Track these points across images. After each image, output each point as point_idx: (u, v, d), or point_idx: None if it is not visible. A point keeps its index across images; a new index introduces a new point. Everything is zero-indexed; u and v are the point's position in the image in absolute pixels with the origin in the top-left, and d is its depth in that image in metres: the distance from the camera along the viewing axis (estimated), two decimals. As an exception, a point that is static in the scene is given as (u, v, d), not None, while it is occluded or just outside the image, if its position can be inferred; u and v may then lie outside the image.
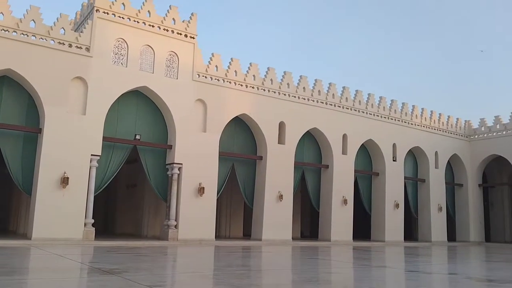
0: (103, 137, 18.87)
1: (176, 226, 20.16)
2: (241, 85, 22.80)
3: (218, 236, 23.82)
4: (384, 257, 18.09)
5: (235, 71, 22.73)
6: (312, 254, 17.47)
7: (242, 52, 72.76)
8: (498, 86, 66.64)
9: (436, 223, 30.01)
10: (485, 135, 32.75)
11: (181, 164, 20.47)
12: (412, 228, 31.36)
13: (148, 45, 20.30)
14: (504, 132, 31.60)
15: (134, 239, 20.85)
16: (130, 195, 26.62)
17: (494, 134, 32.21)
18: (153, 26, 20.46)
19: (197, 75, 21.51)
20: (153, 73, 20.27)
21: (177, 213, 20.27)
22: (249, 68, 23.35)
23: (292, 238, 23.75)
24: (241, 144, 23.54)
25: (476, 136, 33.25)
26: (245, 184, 23.51)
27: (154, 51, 20.38)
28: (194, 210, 20.45)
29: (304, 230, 31.06)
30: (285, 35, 75.46)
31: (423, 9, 71.46)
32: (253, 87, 23.17)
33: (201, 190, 20.66)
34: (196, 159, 20.81)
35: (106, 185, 19.66)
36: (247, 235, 25.11)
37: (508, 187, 33.63)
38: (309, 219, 31.70)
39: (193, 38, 21.49)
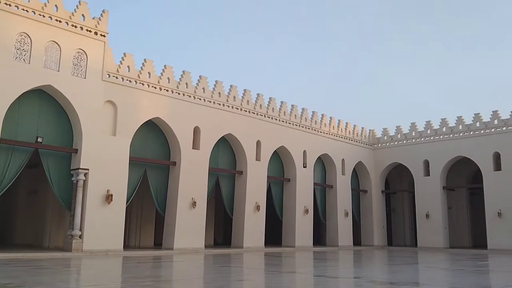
0: (1, 139, 17.13)
1: (80, 236, 18.81)
2: (155, 88, 22.08)
3: (127, 246, 22.74)
4: (294, 263, 18.50)
5: (149, 73, 21.97)
6: (224, 262, 17.32)
7: (162, 55, 71.05)
8: (400, 96, 72.45)
9: (342, 228, 31.53)
10: (388, 144, 35.23)
11: (88, 169, 19.20)
12: (320, 233, 32.63)
13: (54, 41, 18.83)
14: (404, 141, 34.24)
15: (35, 250, 19.12)
16: (31, 202, 24.48)
17: (396, 143, 34.77)
18: (60, 22, 19.04)
19: (107, 75, 20.42)
20: (58, 71, 18.84)
21: (82, 222, 18.93)
22: (163, 70, 22.71)
23: (205, 246, 23.41)
24: (154, 149, 22.76)
25: (379, 145, 35.63)
26: (158, 190, 22.73)
27: (60, 48, 18.95)
28: (101, 219, 19.26)
29: (217, 238, 30.86)
30: (205, 38, 75.21)
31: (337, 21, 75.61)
32: (167, 90, 22.57)
33: (109, 198, 19.53)
34: (104, 164, 19.66)
35: (3, 191, 17.81)
36: (158, 244, 24.26)
37: (408, 193, 36.40)
38: (222, 226, 31.59)
39: (104, 36, 20.37)
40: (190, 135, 23.23)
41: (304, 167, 29.55)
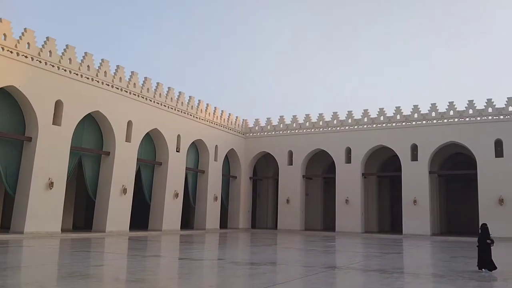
0: None
1: None
2: (11, 52, 19.46)
3: (-35, 229, 19.85)
4: (160, 246, 18.26)
5: (4, 34, 19.27)
6: (83, 247, 16.27)
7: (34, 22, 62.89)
8: (272, 90, 75.97)
9: (211, 211, 32.07)
10: (258, 133, 36.82)
11: None
12: (189, 217, 32.76)
13: None
14: (273, 132, 36.16)
15: None
16: None
17: (265, 133, 36.52)
18: None
19: (-51, 32, 17.36)
20: None
21: None
22: (23, 34, 20.15)
23: (62, 230, 21.65)
24: (5, 121, 20.09)
25: (251, 134, 37.04)
26: (7, 168, 20.16)
27: None
28: None
29: (77, 221, 28.80)
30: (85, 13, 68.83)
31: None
32: (26, 57, 20.07)
33: None
34: None
35: None
36: (6, 227, 21.65)
37: (272, 180, 38.60)
38: (84, 209, 29.59)
39: None
40: (51, 109, 21.08)
41: (177, 151, 29.18)
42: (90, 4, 69.36)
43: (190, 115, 30.50)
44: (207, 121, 32.22)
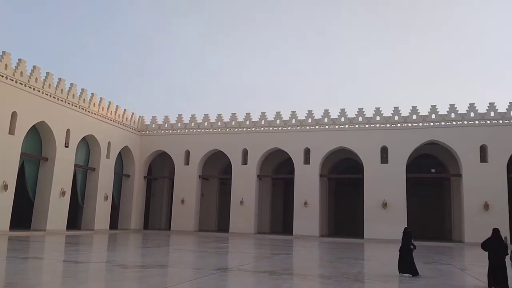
0: None
1: None
2: None
3: None
4: (43, 247, 17.23)
5: None
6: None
7: None
8: (173, 88, 74.93)
9: (100, 211, 30.72)
10: (155, 132, 36.10)
11: None
12: (77, 217, 31.00)
13: None
14: (170, 131, 35.72)
15: None
16: None
17: (163, 132, 35.95)
18: None
19: None
20: None
21: None
22: None
23: None
24: None
25: (147, 132, 36.18)
26: None
27: None
28: None
29: None
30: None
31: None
32: None
33: None
34: None
35: None
36: None
37: (168, 180, 38.08)
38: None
39: None
40: None
41: (66, 146, 27.48)
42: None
43: (82, 108, 28.97)
44: (100, 116, 30.83)
